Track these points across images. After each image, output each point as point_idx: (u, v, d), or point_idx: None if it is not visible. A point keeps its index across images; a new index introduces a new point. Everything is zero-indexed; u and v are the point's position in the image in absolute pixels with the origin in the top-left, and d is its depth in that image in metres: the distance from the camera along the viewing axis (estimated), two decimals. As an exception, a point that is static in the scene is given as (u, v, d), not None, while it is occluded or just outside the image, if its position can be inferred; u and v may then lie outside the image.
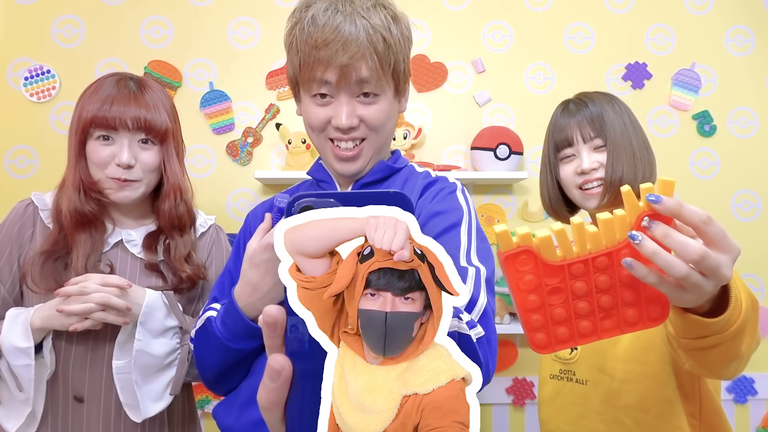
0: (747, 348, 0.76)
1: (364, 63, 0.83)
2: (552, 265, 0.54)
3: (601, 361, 1.06)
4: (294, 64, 0.88)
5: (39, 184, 2.00)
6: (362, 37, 0.81)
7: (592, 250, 0.54)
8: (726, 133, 2.19)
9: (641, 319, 0.56)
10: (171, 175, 1.21)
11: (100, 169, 1.15)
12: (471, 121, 2.15)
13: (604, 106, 1.13)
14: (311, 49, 0.82)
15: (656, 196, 0.51)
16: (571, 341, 0.57)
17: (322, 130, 0.90)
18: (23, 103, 2.04)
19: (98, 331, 1.11)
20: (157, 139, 1.17)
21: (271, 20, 2.14)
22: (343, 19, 0.82)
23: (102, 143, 1.14)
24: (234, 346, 0.79)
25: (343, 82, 0.84)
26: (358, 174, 0.92)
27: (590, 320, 0.56)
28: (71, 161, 1.17)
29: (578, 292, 0.55)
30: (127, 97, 1.15)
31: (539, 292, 0.55)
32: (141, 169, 1.16)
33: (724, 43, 2.22)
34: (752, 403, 2.12)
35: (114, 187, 1.15)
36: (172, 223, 1.21)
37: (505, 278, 0.55)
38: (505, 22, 2.20)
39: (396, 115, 0.95)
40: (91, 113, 1.13)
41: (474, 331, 0.68)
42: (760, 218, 2.16)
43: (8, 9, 2.07)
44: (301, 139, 2.00)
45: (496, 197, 2.15)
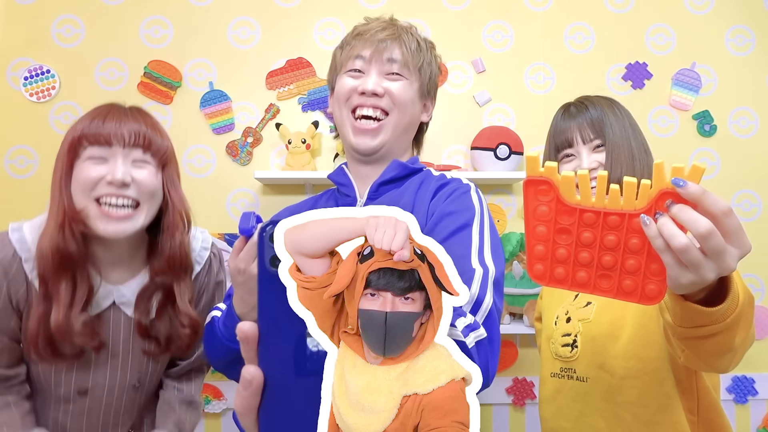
0: (741, 342, 0.77)
1: (397, 45, 0.93)
2: (567, 204, 0.56)
3: (601, 358, 1.07)
4: (336, 59, 0.99)
5: (38, 184, 1.99)
6: (401, 33, 0.95)
7: (608, 205, 0.55)
8: (726, 133, 2.19)
9: (636, 292, 0.57)
10: (177, 202, 1.05)
11: (86, 194, 0.97)
12: (471, 121, 2.15)
13: (605, 109, 1.14)
14: (354, 36, 0.95)
15: (682, 181, 0.53)
16: (566, 283, 0.59)
17: (347, 100, 0.94)
18: (23, 103, 2.04)
19: (95, 393, 1.09)
20: (156, 159, 1.02)
21: (271, 20, 2.14)
22: (390, 25, 0.96)
23: (92, 163, 0.98)
24: (233, 346, 0.80)
25: (375, 57, 0.93)
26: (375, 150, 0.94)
27: (588, 273, 0.58)
28: (54, 195, 1.00)
29: (584, 241, 0.57)
30: (123, 113, 1.02)
31: (549, 225, 0.57)
32: (138, 190, 0.98)
33: (724, 43, 2.22)
34: (753, 403, 2.12)
35: (101, 218, 0.96)
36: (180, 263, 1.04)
37: (523, 202, 0.58)
38: (505, 22, 2.20)
39: (418, 109, 0.99)
40: (79, 131, 0.99)
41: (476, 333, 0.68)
42: (760, 218, 2.16)
43: (8, 9, 2.07)
44: (301, 139, 2.00)
45: (496, 197, 2.15)
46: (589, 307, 1.12)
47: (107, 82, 2.07)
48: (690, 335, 0.73)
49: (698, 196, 0.53)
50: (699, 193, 0.53)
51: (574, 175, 0.55)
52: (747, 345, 0.82)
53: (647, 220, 0.54)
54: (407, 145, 1.02)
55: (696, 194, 0.53)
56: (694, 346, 0.78)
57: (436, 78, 1.01)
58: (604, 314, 1.09)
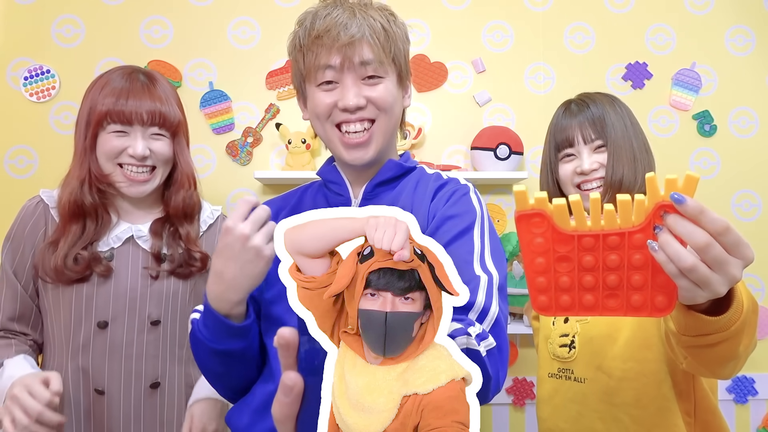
0: (744, 349, 0.76)
1: (366, 44, 0.85)
2: (563, 233, 0.55)
3: (599, 359, 1.07)
4: (298, 63, 0.90)
5: (38, 184, 1.98)
6: (362, 23, 0.85)
7: (605, 227, 0.54)
8: (726, 133, 2.19)
9: (646, 306, 0.57)
10: (184, 165, 1.26)
11: (111, 160, 1.17)
12: (471, 121, 2.15)
13: (606, 107, 1.14)
14: (314, 40, 0.85)
15: (680, 196, 0.52)
16: (573, 310, 0.58)
17: (328, 116, 0.88)
18: (23, 103, 2.04)
19: (115, 327, 1.17)
20: (170, 131, 1.21)
21: (271, 20, 2.14)
22: (343, 11, 0.85)
23: (115, 135, 1.16)
24: (219, 347, 0.76)
25: (347, 63, 0.85)
26: (369, 163, 0.90)
27: (594, 295, 0.57)
28: (78, 154, 1.19)
29: (586, 265, 0.56)
30: (141, 90, 1.18)
31: (547, 256, 0.56)
32: (155, 159, 1.19)
33: (724, 43, 2.22)
34: (752, 403, 2.12)
35: (125, 182, 1.19)
36: (184, 211, 1.26)
37: (517, 237, 0.57)
38: (505, 22, 2.20)
39: (401, 104, 0.94)
40: (105, 107, 1.15)
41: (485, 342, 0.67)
42: (760, 218, 2.16)
43: (8, 9, 2.07)
44: (301, 139, 2.00)
45: (496, 197, 2.15)
46: (588, 307, 1.12)
47: (107, 82, 2.07)
48: (694, 344, 0.73)
49: (696, 213, 0.52)
50: (697, 211, 0.52)
51: (566, 202, 0.54)
52: (750, 351, 0.81)
53: (655, 246, 0.53)
54: (395, 140, 0.98)
55: (694, 212, 0.52)
56: (698, 354, 0.78)
57: (408, 54, 0.93)
58: (603, 315, 1.09)
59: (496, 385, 0.70)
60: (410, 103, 0.98)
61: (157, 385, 1.20)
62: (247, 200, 0.72)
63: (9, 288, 1.19)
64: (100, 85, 1.19)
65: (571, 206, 0.55)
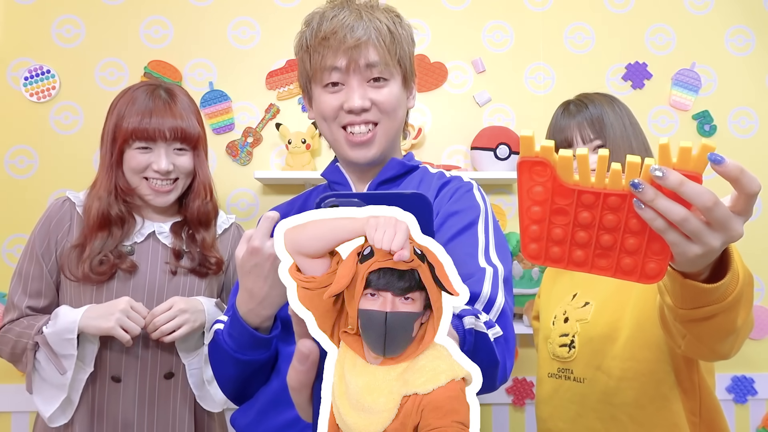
0: (742, 323, 0.76)
1: (371, 46, 0.87)
2: (564, 185, 0.54)
3: (599, 359, 1.07)
4: (305, 64, 0.92)
5: (38, 184, 2.00)
6: (368, 25, 0.87)
7: (608, 186, 0.53)
8: (726, 133, 2.19)
9: (636, 271, 0.56)
10: (203, 175, 1.36)
11: (137, 174, 1.27)
12: (471, 121, 2.15)
13: (605, 107, 1.14)
14: (320, 41, 0.87)
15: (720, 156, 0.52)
16: (562, 263, 0.57)
17: (335, 118, 0.91)
18: (23, 103, 2.04)
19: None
20: (190, 145, 1.30)
21: (271, 20, 2.14)
22: (349, 13, 0.87)
23: (140, 152, 1.26)
24: (243, 357, 0.78)
25: (352, 66, 0.87)
26: (372, 162, 0.92)
27: (585, 252, 0.56)
28: (105, 167, 1.29)
29: (582, 222, 0.55)
30: (163, 108, 1.26)
31: (544, 206, 0.55)
32: (177, 172, 1.29)
33: (724, 43, 2.22)
34: (752, 403, 2.12)
35: (151, 194, 1.29)
36: (200, 218, 1.34)
37: (517, 182, 0.56)
38: (505, 22, 2.20)
39: (405, 105, 0.96)
40: (131, 125, 1.24)
41: (492, 330, 0.67)
42: (760, 218, 2.16)
43: (8, 9, 2.07)
44: (301, 139, 2.00)
45: (496, 197, 2.15)
46: (587, 307, 1.12)
47: (107, 82, 2.07)
48: (691, 317, 0.72)
49: (737, 175, 0.52)
50: (738, 172, 0.52)
51: (572, 155, 0.53)
52: (748, 328, 0.80)
53: (641, 205, 0.53)
54: (399, 141, 1.00)
55: (734, 173, 0.52)
56: (696, 328, 0.76)
57: (413, 55, 0.95)
58: (602, 315, 1.09)
59: (503, 372, 0.70)
60: (414, 104, 1.00)
61: (171, 376, 1.27)
62: (269, 216, 0.73)
63: (36, 266, 1.27)
64: (125, 101, 1.27)
65: (578, 161, 0.53)
